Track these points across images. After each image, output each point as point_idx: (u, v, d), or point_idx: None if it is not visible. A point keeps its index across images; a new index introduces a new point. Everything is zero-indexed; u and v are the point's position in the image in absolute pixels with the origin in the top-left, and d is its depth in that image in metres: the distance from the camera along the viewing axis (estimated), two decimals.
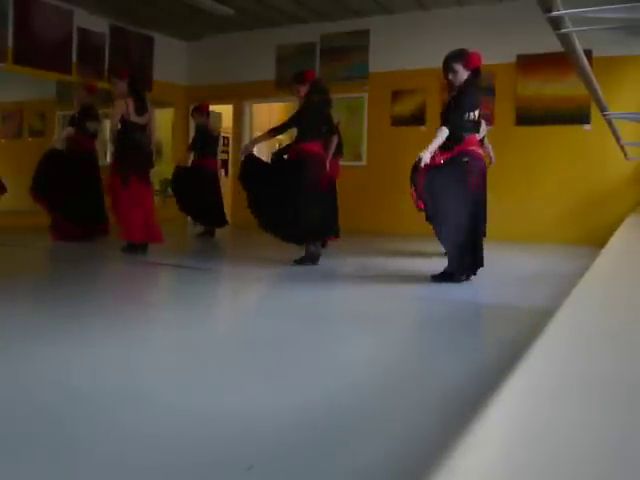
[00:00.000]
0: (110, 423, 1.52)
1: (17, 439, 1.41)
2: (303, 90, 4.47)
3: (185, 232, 7.29)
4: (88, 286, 3.72)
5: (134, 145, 4.96)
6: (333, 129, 4.92)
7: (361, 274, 4.32)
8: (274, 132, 4.60)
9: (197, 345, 2.36)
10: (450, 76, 3.74)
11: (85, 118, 5.81)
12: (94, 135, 5.95)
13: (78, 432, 1.46)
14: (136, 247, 5.01)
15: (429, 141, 4.01)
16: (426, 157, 3.57)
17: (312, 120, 4.48)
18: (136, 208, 4.95)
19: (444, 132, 3.63)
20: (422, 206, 3.69)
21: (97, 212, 5.90)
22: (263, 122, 10.46)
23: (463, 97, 3.71)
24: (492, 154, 5.45)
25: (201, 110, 6.83)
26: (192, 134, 7.53)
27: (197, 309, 3.13)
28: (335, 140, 5.02)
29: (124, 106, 4.93)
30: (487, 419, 0.68)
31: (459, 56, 3.73)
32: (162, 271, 4.49)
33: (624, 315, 1.42)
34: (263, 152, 11.49)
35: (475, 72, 3.74)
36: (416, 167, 3.64)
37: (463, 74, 3.71)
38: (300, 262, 4.47)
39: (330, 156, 4.97)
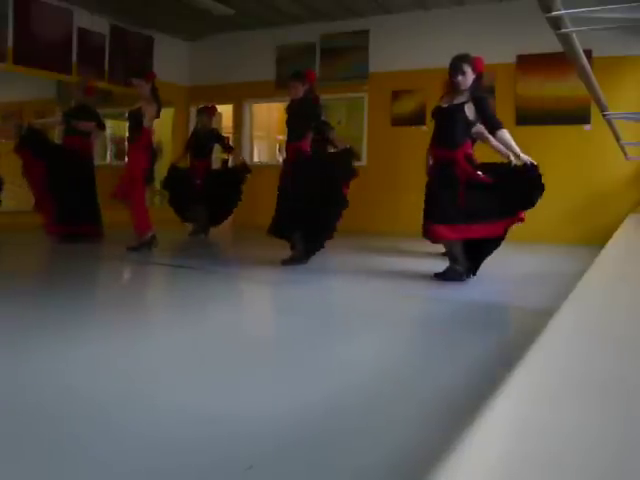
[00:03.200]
0: (109, 423, 1.52)
1: (14, 439, 1.41)
2: (302, 89, 4.46)
3: (184, 232, 7.27)
4: (88, 286, 3.72)
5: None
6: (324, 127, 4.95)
7: (361, 274, 4.31)
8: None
9: (197, 345, 2.36)
10: (459, 77, 3.71)
11: (77, 117, 5.81)
12: (88, 135, 5.93)
13: (76, 433, 1.46)
14: (148, 243, 5.14)
15: (429, 141, 4.01)
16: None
17: (310, 120, 4.52)
18: (144, 204, 5.27)
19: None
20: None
21: (88, 213, 5.86)
22: (263, 122, 10.46)
23: (488, 101, 3.82)
24: None
25: (210, 112, 6.84)
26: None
27: (196, 309, 3.12)
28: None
29: (154, 111, 5.14)
30: (488, 419, 0.68)
31: (468, 58, 3.76)
32: (161, 271, 4.49)
33: (624, 315, 1.42)
34: (264, 152, 11.51)
35: (479, 77, 3.79)
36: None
37: (471, 77, 3.73)
38: (290, 262, 4.45)
39: None
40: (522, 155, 3.71)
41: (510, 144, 3.72)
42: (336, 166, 4.52)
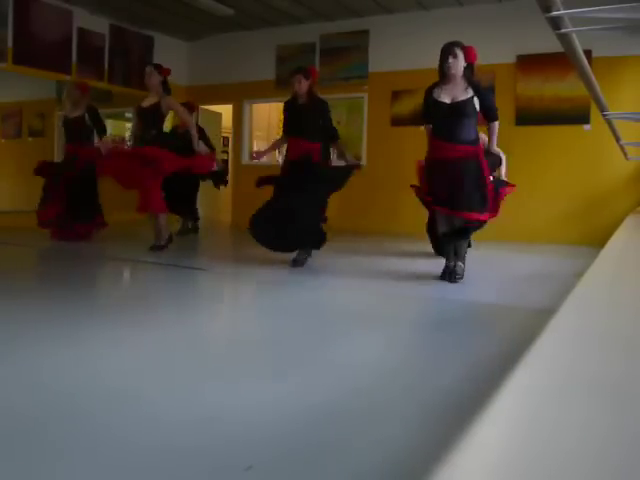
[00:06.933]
0: (106, 424, 1.52)
1: (7, 439, 1.41)
2: (305, 85, 4.39)
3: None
4: (86, 286, 3.72)
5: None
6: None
7: (361, 274, 4.31)
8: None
9: (195, 345, 2.36)
10: (450, 59, 3.63)
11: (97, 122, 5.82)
12: (89, 140, 5.94)
13: (74, 435, 1.46)
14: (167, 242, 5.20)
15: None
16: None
17: (322, 119, 4.51)
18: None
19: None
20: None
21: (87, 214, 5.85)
22: (263, 122, 10.46)
23: (492, 94, 3.83)
24: None
25: (190, 109, 6.77)
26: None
27: (195, 309, 3.12)
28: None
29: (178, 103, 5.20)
30: (489, 419, 0.68)
31: (460, 44, 3.71)
32: (160, 271, 4.48)
33: (624, 314, 1.42)
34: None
35: (471, 66, 3.72)
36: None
37: (462, 64, 3.66)
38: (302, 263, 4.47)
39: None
40: (500, 153, 3.96)
41: (494, 136, 3.88)
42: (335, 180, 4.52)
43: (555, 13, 1.74)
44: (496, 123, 3.84)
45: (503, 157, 4.05)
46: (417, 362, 2.22)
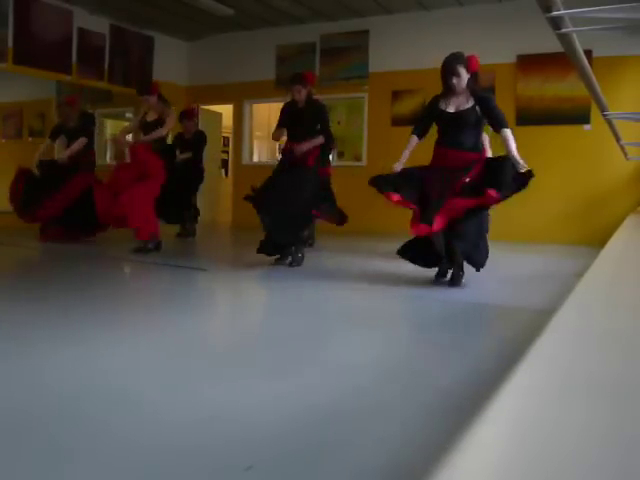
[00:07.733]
0: (107, 424, 1.52)
1: (9, 439, 1.41)
2: (304, 92, 4.48)
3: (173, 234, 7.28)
4: (85, 286, 3.71)
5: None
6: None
7: (361, 274, 4.31)
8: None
9: (196, 345, 2.36)
10: (454, 80, 3.57)
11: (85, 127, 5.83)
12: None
13: (74, 435, 1.46)
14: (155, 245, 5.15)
15: (430, 142, 3.99)
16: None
17: (321, 123, 4.58)
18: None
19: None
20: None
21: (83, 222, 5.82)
22: (263, 122, 10.46)
23: (493, 100, 3.72)
24: None
25: (189, 115, 6.75)
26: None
27: (196, 309, 3.12)
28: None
29: (173, 120, 5.25)
30: (489, 419, 0.68)
31: (461, 59, 3.60)
32: (160, 271, 4.49)
33: (624, 314, 1.42)
34: (263, 153, 11.49)
35: (474, 76, 3.68)
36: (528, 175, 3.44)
37: (465, 78, 3.60)
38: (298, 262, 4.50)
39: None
40: (519, 161, 3.44)
41: (510, 147, 3.49)
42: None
43: (555, 13, 1.74)
44: (506, 130, 3.52)
45: (518, 158, 3.71)
46: (417, 362, 2.22)
